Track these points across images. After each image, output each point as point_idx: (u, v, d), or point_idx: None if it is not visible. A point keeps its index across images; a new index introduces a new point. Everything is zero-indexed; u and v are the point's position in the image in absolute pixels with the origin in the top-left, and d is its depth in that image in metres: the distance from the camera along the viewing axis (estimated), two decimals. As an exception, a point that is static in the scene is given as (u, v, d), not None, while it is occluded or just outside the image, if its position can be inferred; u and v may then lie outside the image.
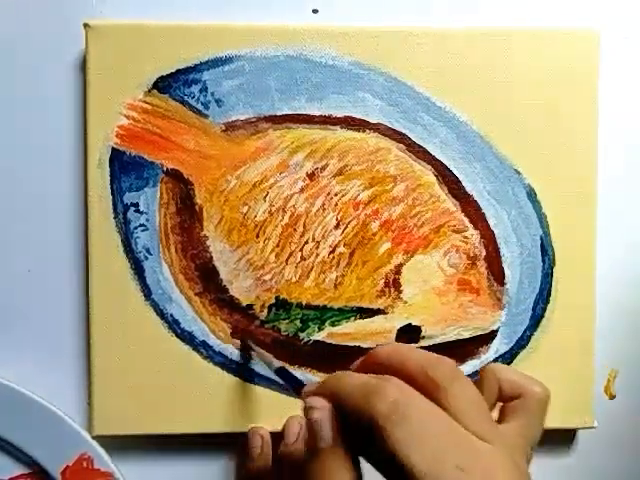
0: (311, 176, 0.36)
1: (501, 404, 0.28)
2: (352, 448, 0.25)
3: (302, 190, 0.36)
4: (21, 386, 0.35)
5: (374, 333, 0.37)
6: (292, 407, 0.36)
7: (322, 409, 0.25)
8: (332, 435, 0.25)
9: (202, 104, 0.36)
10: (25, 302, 0.37)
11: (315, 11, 0.37)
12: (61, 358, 0.37)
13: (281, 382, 0.35)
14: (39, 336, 0.37)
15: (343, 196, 0.36)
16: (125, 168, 0.36)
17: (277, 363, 0.33)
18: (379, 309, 0.37)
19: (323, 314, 0.36)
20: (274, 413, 0.36)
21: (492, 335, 0.37)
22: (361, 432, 0.24)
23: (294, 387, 0.30)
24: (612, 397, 0.39)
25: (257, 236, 0.36)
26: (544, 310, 0.37)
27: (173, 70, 0.35)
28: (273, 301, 0.36)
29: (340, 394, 0.26)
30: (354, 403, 0.25)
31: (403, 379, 0.25)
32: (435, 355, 0.27)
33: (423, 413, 0.24)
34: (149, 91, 0.35)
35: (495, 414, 0.28)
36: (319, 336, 0.36)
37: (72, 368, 0.37)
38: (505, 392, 0.28)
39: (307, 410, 0.26)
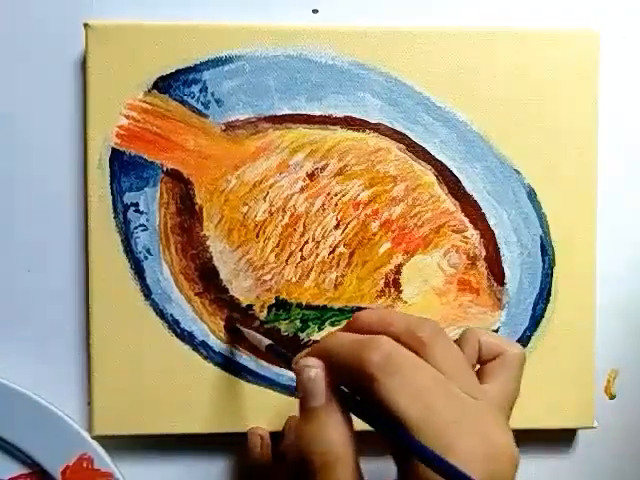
0: (311, 176, 0.36)
1: (478, 367, 0.29)
2: (345, 406, 0.25)
3: (302, 190, 0.36)
4: (21, 386, 0.35)
5: (374, 333, 0.37)
6: (292, 407, 0.36)
7: (315, 367, 0.26)
8: (326, 392, 0.25)
9: (202, 104, 0.36)
10: (25, 302, 0.37)
11: (315, 11, 0.37)
12: (61, 358, 0.37)
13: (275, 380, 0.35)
14: (39, 336, 0.37)
15: (343, 196, 0.36)
16: (125, 168, 0.36)
17: (266, 341, 0.33)
18: (379, 309, 0.37)
19: (323, 314, 0.36)
20: (274, 413, 0.36)
21: (492, 335, 0.37)
22: (353, 386, 0.25)
23: (286, 362, 0.30)
24: (612, 397, 0.39)
25: (257, 236, 0.36)
26: (544, 310, 0.37)
27: (173, 70, 0.35)
28: (273, 301, 0.36)
29: (332, 350, 0.26)
30: (346, 357, 0.25)
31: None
32: (418, 316, 0.27)
33: (414, 366, 0.25)
34: (149, 91, 0.35)
35: None
36: (319, 336, 0.36)
37: (72, 368, 0.37)
38: (484, 353, 0.29)
39: (300, 370, 0.26)
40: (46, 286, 0.37)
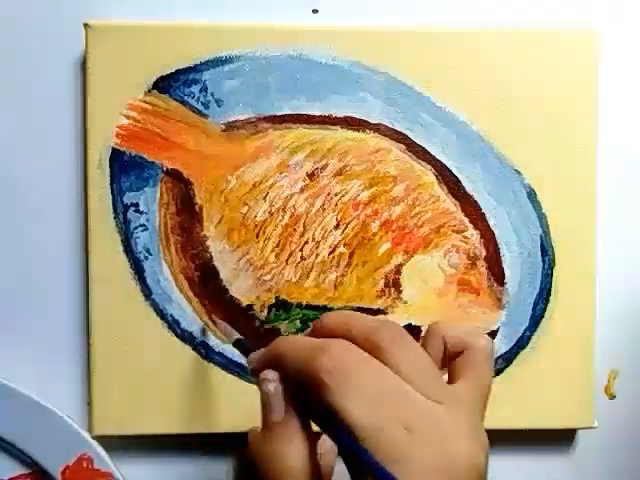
0: (311, 176, 0.36)
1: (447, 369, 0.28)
2: (303, 413, 0.25)
3: (302, 190, 0.36)
4: (21, 386, 0.35)
5: (374, 333, 0.37)
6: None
7: (273, 380, 0.25)
8: (284, 407, 0.25)
9: (202, 104, 0.36)
10: (25, 302, 0.37)
11: (315, 11, 0.37)
12: (61, 358, 0.37)
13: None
14: (39, 336, 0.37)
15: (343, 196, 0.36)
16: (125, 168, 0.36)
17: (236, 334, 0.33)
18: (379, 309, 0.37)
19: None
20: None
21: (492, 335, 0.37)
22: (304, 392, 0.24)
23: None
24: (612, 397, 0.39)
25: (257, 236, 0.36)
26: (544, 310, 0.37)
27: (173, 70, 0.35)
28: (273, 301, 0.36)
29: (286, 357, 0.25)
30: (299, 363, 0.25)
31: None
32: (380, 319, 0.26)
33: (367, 371, 0.24)
34: (149, 91, 0.35)
35: (445, 377, 0.27)
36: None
37: (72, 368, 0.37)
38: (450, 348, 0.27)
39: (261, 382, 0.26)
40: (46, 286, 0.37)
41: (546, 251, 0.37)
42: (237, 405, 0.36)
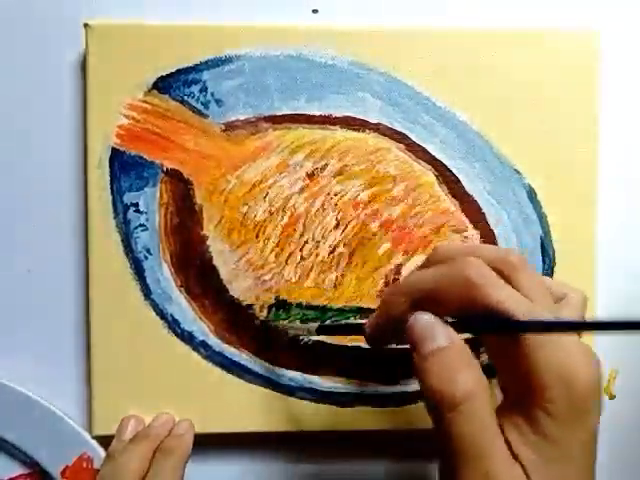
0: (311, 176, 0.36)
1: None
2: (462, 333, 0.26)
3: (302, 190, 0.36)
4: (21, 386, 0.35)
5: (374, 333, 0.37)
6: (293, 407, 0.36)
7: (426, 313, 0.26)
8: (448, 331, 0.25)
9: (202, 104, 0.36)
10: (25, 302, 0.37)
11: (315, 11, 0.37)
12: (61, 358, 0.37)
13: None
14: (39, 336, 0.37)
15: (343, 196, 0.36)
16: (125, 168, 0.36)
17: (313, 325, 0.33)
18: (379, 309, 0.36)
19: (323, 314, 0.36)
20: (274, 413, 0.36)
21: (492, 335, 0.37)
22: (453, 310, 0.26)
23: (350, 331, 0.32)
24: (612, 397, 0.39)
25: (257, 236, 0.36)
26: (544, 310, 0.37)
27: (173, 70, 0.35)
28: (273, 301, 0.36)
29: (423, 285, 0.27)
30: (447, 283, 0.26)
31: None
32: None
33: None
34: (149, 91, 0.35)
35: None
36: (319, 336, 0.36)
37: (72, 368, 0.37)
38: (553, 294, 0.29)
39: (415, 321, 0.26)
40: (46, 286, 0.37)
41: (546, 251, 0.37)
42: (237, 405, 0.36)
